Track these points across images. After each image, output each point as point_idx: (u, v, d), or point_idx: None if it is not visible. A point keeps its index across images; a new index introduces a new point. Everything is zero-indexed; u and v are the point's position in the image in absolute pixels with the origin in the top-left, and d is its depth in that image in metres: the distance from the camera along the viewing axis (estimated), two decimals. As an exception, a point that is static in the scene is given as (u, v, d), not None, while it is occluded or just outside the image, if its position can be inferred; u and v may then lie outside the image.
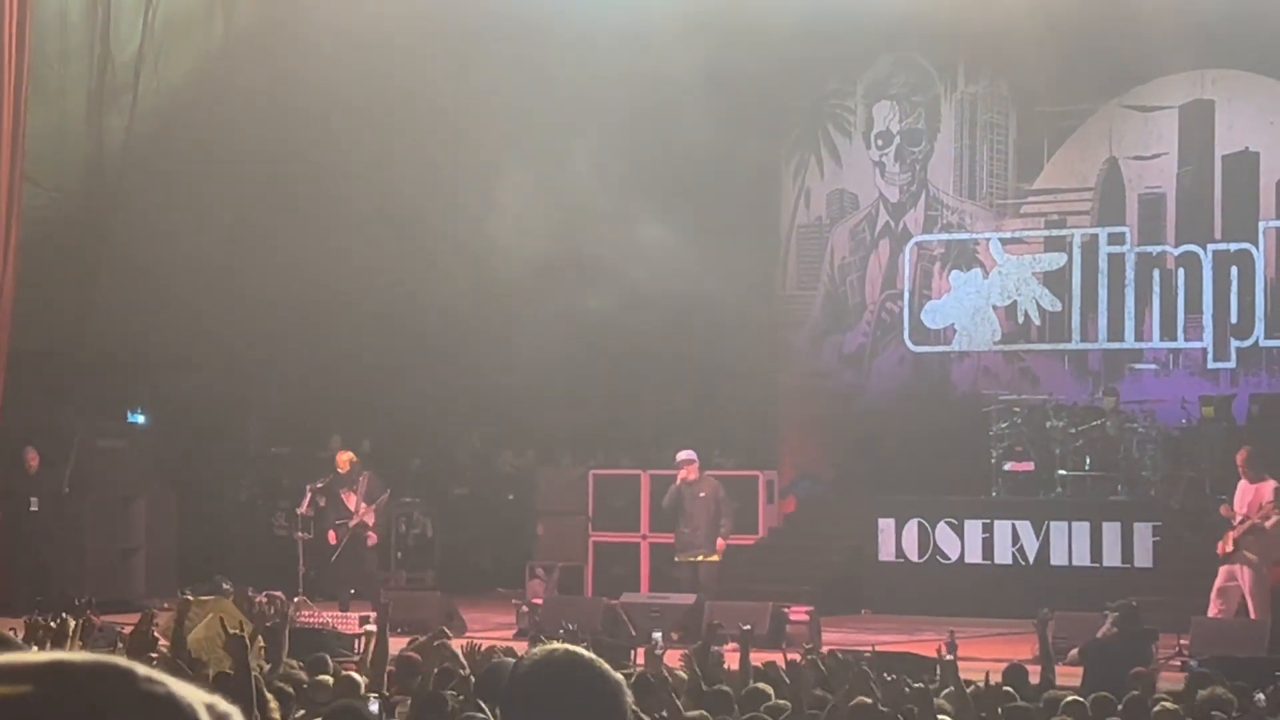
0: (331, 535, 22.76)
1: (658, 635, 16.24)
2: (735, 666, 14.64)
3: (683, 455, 22.03)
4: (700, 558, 21.78)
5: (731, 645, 19.28)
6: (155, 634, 14.72)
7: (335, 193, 25.90)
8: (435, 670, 11.16)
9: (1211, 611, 19.75)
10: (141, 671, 1.91)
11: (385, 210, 25.85)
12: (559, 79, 25.34)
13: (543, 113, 25.43)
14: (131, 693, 1.88)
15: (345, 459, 23.05)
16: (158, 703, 1.88)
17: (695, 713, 10.55)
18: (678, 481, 21.98)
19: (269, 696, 10.22)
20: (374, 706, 10.16)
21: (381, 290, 26.24)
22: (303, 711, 10.84)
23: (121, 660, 1.92)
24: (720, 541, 21.68)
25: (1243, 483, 20.24)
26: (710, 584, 21.68)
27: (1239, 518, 19.98)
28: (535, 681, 3.60)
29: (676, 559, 22.19)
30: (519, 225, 25.53)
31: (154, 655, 12.69)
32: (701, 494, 21.72)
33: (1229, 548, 19.93)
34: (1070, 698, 12.11)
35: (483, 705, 8.91)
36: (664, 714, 10.10)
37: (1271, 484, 20.10)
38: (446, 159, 24.84)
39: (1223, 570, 20.07)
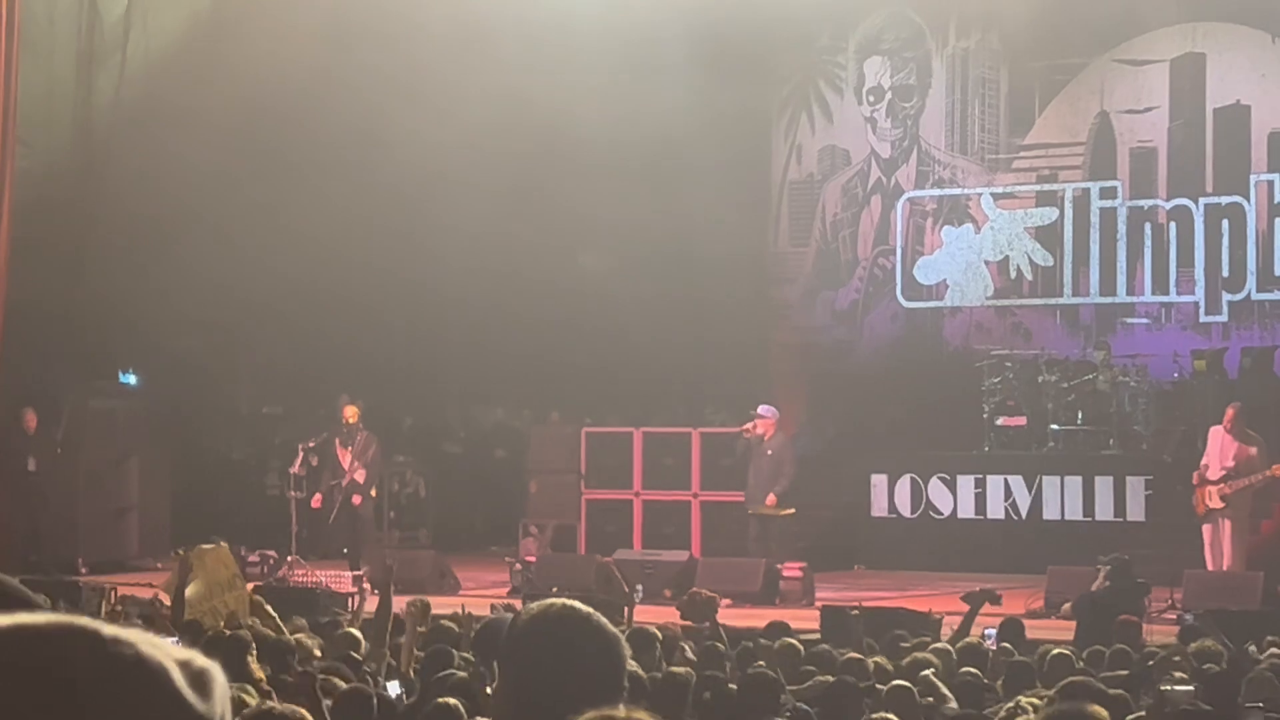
0: (316, 500, 22.71)
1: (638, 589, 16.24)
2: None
3: (760, 409, 21.89)
4: (762, 511, 21.68)
5: (726, 601, 19.38)
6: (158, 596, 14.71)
7: (325, 152, 25.82)
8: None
9: (1210, 567, 19.85)
10: (108, 632, 1.84)
11: (377, 170, 25.77)
12: (546, 35, 25.28)
13: (529, 69, 25.34)
14: (98, 655, 1.82)
15: (352, 411, 23.01)
16: (126, 665, 1.82)
17: (683, 669, 10.58)
18: (744, 433, 21.86)
19: (250, 661, 10.22)
20: (393, 689, 10.14)
21: (373, 250, 26.19)
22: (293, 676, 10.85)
23: (87, 620, 1.85)
24: (770, 497, 21.53)
25: (1225, 436, 20.24)
26: (776, 538, 21.55)
27: (1220, 472, 20.02)
28: (533, 635, 3.60)
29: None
30: (511, 186, 25.51)
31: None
32: (769, 451, 21.63)
33: (1212, 503, 19.97)
34: (1057, 650, 12.14)
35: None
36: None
37: (1254, 448, 20.08)
38: (441, 121, 24.75)
39: (1206, 529, 20.14)
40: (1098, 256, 26.47)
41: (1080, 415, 24.12)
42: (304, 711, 6.32)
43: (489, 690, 8.71)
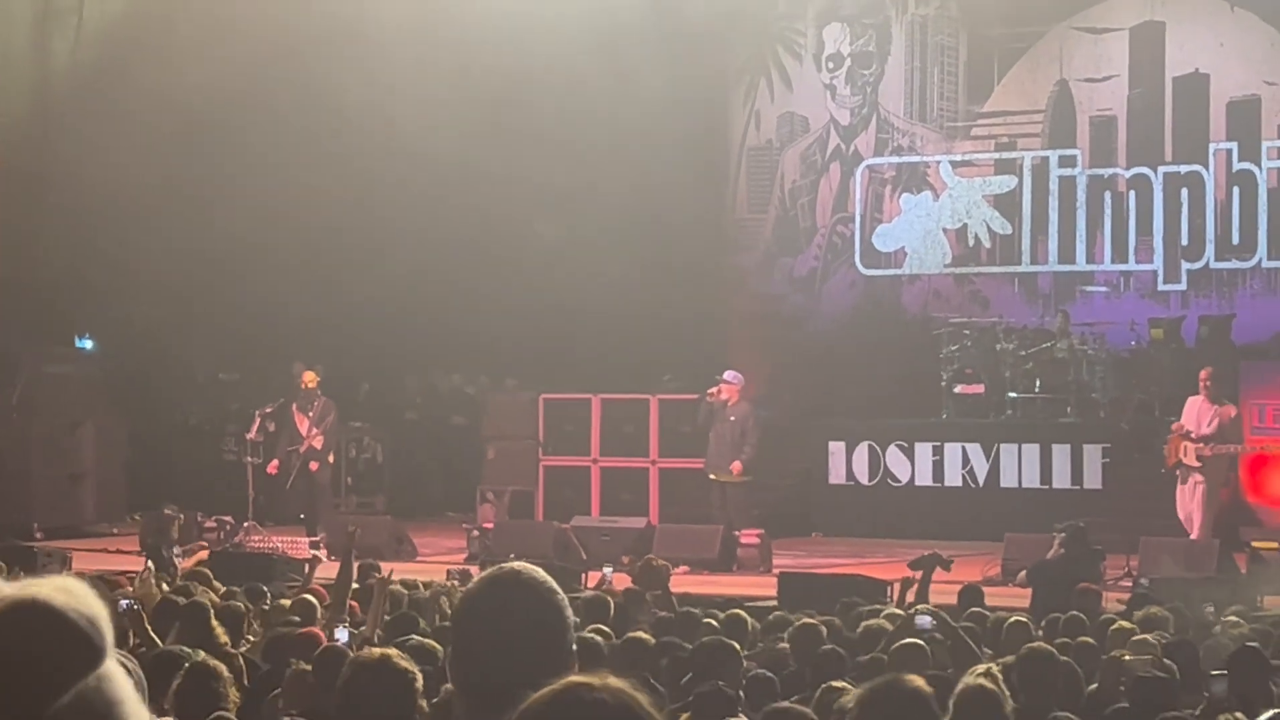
0: (273, 466, 22.64)
1: (608, 570, 16.15)
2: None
3: (725, 375, 21.82)
4: (722, 478, 21.60)
5: (683, 568, 19.37)
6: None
7: (282, 118, 25.70)
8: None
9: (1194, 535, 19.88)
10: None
11: (334, 136, 25.67)
12: (502, 2, 25.19)
13: (486, 37, 25.24)
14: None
15: (310, 377, 22.97)
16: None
17: (639, 633, 10.57)
18: (708, 397, 21.78)
19: (216, 625, 10.19)
20: (342, 636, 10.13)
21: (330, 216, 26.09)
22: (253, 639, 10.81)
23: None
24: (736, 465, 21.46)
25: (1201, 401, 20.28)
26: (735, 505, 21.49)
27: (1193, 434, 20.11)
28: (480, 601, 3.59)
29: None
30: (466, 152, 25.40)
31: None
32: (732, 418, 21.56)
33: (1187, 459, 20.00)
34: (1014, 618, 12.14)
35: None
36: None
37: (1233, 409, 20.23)
38: (396, 88, 24.65)
39: (1180, 499, 20.17)
40: (1056, 225, 26.49)
41: (1038, 383, 24.15)
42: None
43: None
